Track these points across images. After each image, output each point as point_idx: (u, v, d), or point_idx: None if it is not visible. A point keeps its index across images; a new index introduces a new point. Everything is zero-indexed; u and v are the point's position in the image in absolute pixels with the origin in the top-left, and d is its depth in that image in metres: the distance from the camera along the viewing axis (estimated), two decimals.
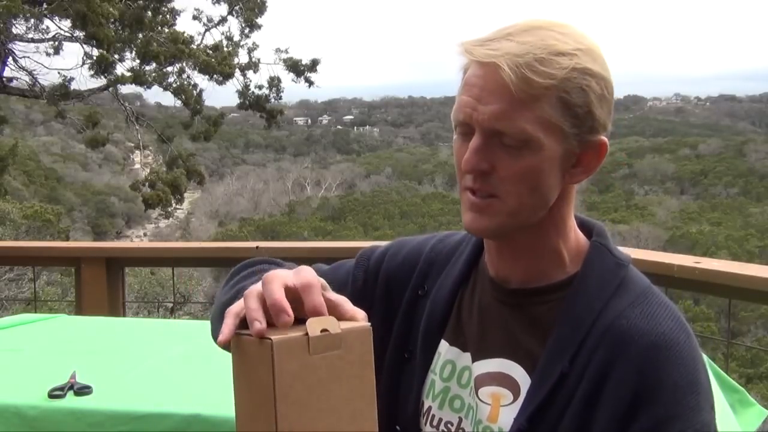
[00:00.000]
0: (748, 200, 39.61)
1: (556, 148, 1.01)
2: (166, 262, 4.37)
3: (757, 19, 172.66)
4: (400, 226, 33.20)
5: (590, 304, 1.04)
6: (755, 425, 2.07)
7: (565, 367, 1.01)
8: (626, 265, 1.09)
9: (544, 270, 1.09)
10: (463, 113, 1.02)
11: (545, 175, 1.02)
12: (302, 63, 16.93)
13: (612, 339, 1.00)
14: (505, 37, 1.00)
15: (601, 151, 1.05)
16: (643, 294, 1.05)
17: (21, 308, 8.47)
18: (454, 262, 1.21)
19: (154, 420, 1.82)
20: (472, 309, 1.16)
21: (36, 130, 46.96)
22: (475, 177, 1.03)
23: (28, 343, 2.43)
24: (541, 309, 1.08)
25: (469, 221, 1.06)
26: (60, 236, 14.35)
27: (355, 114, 74.54)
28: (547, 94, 0.98)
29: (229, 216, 43.06)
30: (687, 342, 1.01)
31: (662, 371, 0.97)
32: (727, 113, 71.81)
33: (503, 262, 1.12)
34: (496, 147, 1.01)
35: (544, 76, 0.97)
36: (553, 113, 0.99)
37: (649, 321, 1.01)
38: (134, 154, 36.13)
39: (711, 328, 16.01)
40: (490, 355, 1.11)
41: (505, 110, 0.98)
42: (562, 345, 1.03)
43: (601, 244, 1.10)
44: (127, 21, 14.18)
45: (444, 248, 1.25)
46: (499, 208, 1.03)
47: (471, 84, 1.02)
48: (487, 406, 1.09)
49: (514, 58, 0.97)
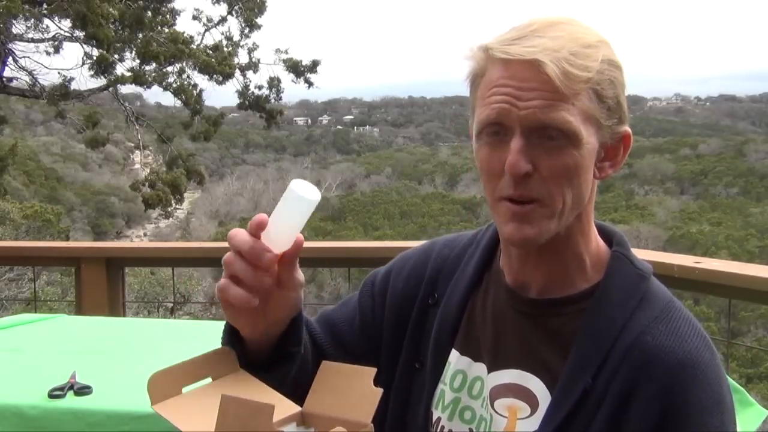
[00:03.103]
0: (748, 200, 39.58)
1: (594, 142, 1.01)
2: (166, 262, 4.37)
3: (757, 19, 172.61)
4: (400, 226, 33.20)
5: (613, 318, 1.01)
6: (755, 425, 2.06)
7: (587, 383, 0.99)
8: (648, 277, 1.06)
9: (566, 277, 1.07)
10: (498, 112, 0.99)
11: (585, 171, 1.01)
12: (302, 63, 16.92)
13: (637, 356, 0.98)
14: (534, 33, 0.99)
15: (626, 142, 1.05)
16: (666, 308, 1.03)
17: (21, 308, 8.48)
18: (464, 267, 1.17)
19: (154, 420, 1.80)
20: (486, 317, 1.13)
21: (36, 130, 46.93)
22: (517, 182, 0.99)
23: (28, 343, 2.42)
24: (560, 320, 1.05)
25: (513, 232, 1.01)
26: (60, 236, 14.35)
27: (355, 114, 74.46)
28: (585, 88, 0.98)
29: (229, 216, 43.02)
30: (712, 360, 0.99)
31: (689, 391, 0.95)
32: (727, 113, 71.74)
33: (525, 269, 1.09)
34: (536, 147, 0.98)
35: (582, 69, 0.97)
36: (592, 106, 0.99)
37: (674, 338, 0.99)
38: (134, 154, 36.10)
39: (711, 328, 15.98)
40: (505, 366, 1.08)
41: (550, 104, 0.97)
42: (585, 360, 1.00)
43: (623, 254, 1.07)
44: (127, 21, 14.18)
45: (451, 252, 1.21)
46: (542, 212, 1.00)
47: (502, 84, 0.99)
48: (503, 419, 1.06)
49: (553, 53, 0.96)
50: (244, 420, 0.82)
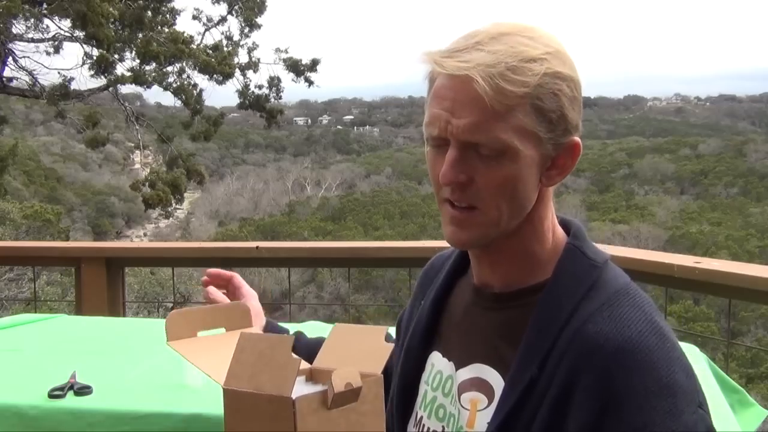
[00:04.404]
0: (748, 200, 39.57)
1: (533, 155, 1.01)
2: (166, 262, 4.37)
3: (757, 19, 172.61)
4: (400, 226, 33.21)
5: (559, 308, 1.02)
6: (755, 425, 2.06)
7: (534, 373, 1.00)
8: (600, 266, 1.06)
9: (522, 274, 1.09)
10: (436, 127, 1.01)
11: (523, 182, 1.02)
12: (302, 63, 16.93)
13: (579, 345, 0.98)
14: (474, 46, 0.99)
15: (575, 151, 1.05)
16: (615, 295, 1.02)
17: (21, 308, 8.48)
18: (443, 272, 1.24)
19: (154, 420, 1.82)
20: (457, 317, 1.17)
21: (36, 130, 46.94)
22: (453, 189, 1.02)
23: (28, 343, 2.42)
24: (515, 312, 1.07)
25: (450, 235, 1.06)
26: (60, 236, 14.36)
27: (355, 114, 74.48)
28: (522, 103, 0.98)
29: (229, 216, 43.04)
30: (658, 344, 0.97)
31: (630, 377, 0.94)
32: (727, 113, 71.76)
33: (483, 270, 1.13)
34: (472, 158, 1.00)
35: (517, 84, 0.96)
36: (528, 121, 0.99)
37: (616, 324, 0.98)
38: (134, 154, 36.12)
39: (711, 328, 16.02)
40: (470, 362, 1.11)
41: (480, 122, 0.97)
42: (532, 351, 1.01)
43: (575, 246, 1.08)
44: (127, 21, 14.18)
45: (437, 261, 1.29)
46: (480, 219, 1.03)
47: (441, 96, 1.01)
48: (467, 412, 1.09)
49: (487, 69, 0.96)
50: (263, 352, 0.84)
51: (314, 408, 0.83)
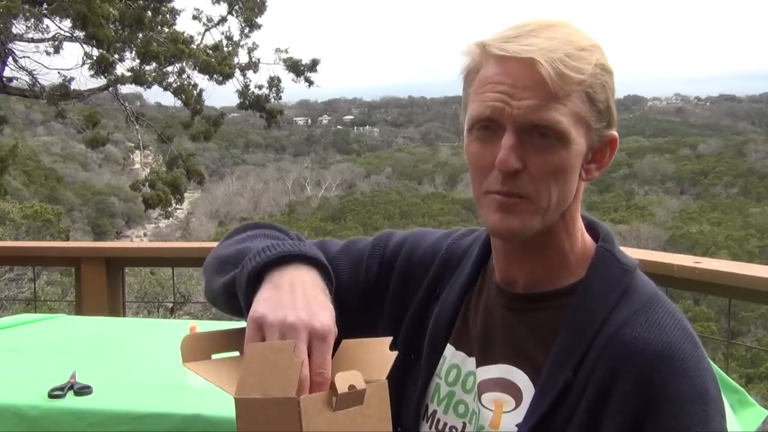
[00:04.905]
0: (748, 200, 39.59)
1: (582, 143, 1.02)
2: (166, 262, 4.38)
3: (757, 19, 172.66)
4: (400, 226, 33.15)
5: (594, 312, 1.02)
6: (755, 425, 2.06)
7: (569, 377, 1.00)
8: (632, 272, 1.07)
9: (551, 274, 1.08)
10: (491, 109, 1.00)
11: (572, 172, 1.02)
12: (302, 63, 16.92)
13: (616, 349, 0.99)
14: (529, 33, 1.00)
15: (613, 145, 1.07)
16: (648, 302, 1.03)
17: (21, 308, 8.47)
18: (464, 265, 1.20)
19: (154, 420, 1.82)
20: (477, 313, 1.15)
21: (36, 130, 46.94)
22: (504, 178, 1.00)
23: (28, 343, 2.43)
24: (544, 315, 1.07)
25: (498, 222, 1.02)
26: (60, 236, 14.34)
27: (355, 114, 74.51)
28: (578, 90, 0.99)
29: (229, 216, 43.04)
30: (693, 352, 0.99)
31: (668, 383, 0.96)
32: (727, 113, 71.81)
33: (510, 265, 1.11)
34: (527, 145, 0.99)
35: (576, 71, 0.98)
36: (583, 108, 1.00)
37: (654, 331, 0.99)
38: (134, 154, 36.14)
39: (711, 328, 15.99)
40: (493, 361, 1.10)
41: (542, 104, 0.98)
42: (566, 354, 1.01)
43: (607, 249, 1.08)
44: (127, 21, 14.17)
45: (458, 249, 1.23)
46: (528, 208, 1.01)
47: (497, 81, 1.00)
48: (490, 412, 1.08)
49: (549, 54, 0.97)
50: (268, 358, 0.86)
51: (319, 409, 0.84)
